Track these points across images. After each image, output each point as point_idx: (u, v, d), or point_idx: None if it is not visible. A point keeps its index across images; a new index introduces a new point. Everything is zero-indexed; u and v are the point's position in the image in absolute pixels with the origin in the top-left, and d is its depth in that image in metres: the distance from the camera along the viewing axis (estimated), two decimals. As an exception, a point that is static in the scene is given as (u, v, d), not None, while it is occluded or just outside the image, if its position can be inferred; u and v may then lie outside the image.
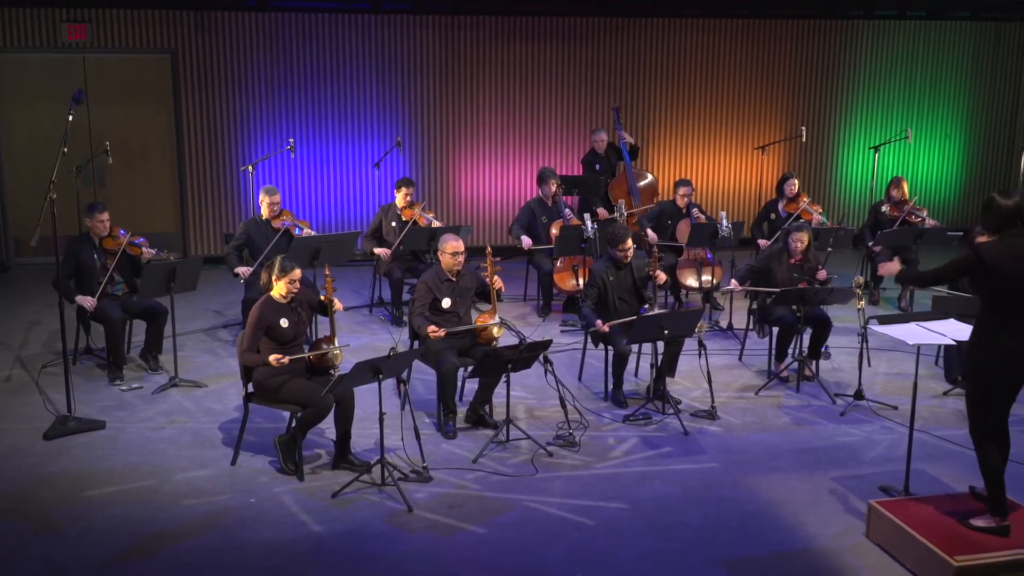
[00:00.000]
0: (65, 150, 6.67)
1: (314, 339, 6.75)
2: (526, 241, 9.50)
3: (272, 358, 5.93)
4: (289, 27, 11.46)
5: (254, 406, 6.24)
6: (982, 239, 5.29)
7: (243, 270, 8.21)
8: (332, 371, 6.19)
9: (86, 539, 5.30)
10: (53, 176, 6.57)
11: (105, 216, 7.76)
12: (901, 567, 5.09)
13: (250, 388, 6.18)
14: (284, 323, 6.10)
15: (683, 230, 9.50)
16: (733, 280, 7.96)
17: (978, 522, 5.12)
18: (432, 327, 6.62)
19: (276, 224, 8.58)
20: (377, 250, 9.26)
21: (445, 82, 11.90)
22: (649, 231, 9.58)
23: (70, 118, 6.77)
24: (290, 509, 5.65)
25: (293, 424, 6.09)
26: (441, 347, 6.69)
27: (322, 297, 6.31)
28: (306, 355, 6.16)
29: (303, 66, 11.55)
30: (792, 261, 7.93)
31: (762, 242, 9.85)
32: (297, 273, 6.16)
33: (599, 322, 7.21)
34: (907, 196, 10.16)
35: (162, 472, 6.11)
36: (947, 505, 5.33)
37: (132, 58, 11.35)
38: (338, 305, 6.36)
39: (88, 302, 7.53)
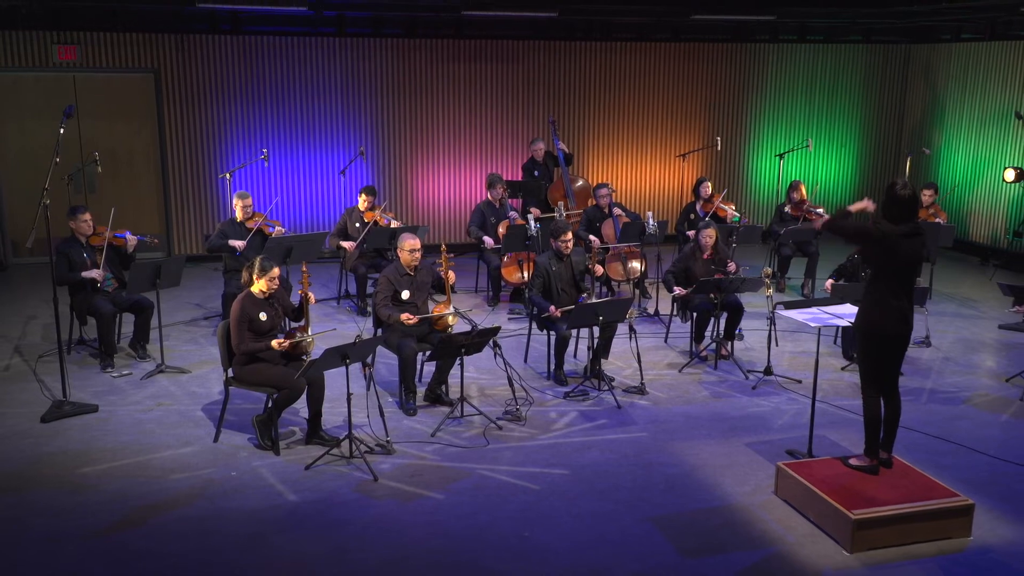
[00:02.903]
0: (57, 160, 6.55)
1: (288, 329, 6.68)
2: (488, 241, 9.45)
3: (275, 343, 5.92)
4: (262, 48, 11.30)
5: (234, 389, 6.16)
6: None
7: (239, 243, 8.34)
8: (305, 357, 6.14)
9: (82, 512, 5.20)
10: (46, 184, 6.43)
11: (87, 216, 7.59)
12: (805, 519, 5.19)
13: (230, 373, 6.10)
14: (263, 316, 6.03)
15: (607, 229, 9.49)
16: (677, 288, 7.88)
17: (854, 461, 5.40)
18: (406, 314, 6.57)
19: (249, 225, 8.47)
20: (343, 243, 9.19)
21: (402, 97, 11.82)
22: (592, 237, 9.43)
23: (62, 131, 6.64)
24: (268, 480, 5.60)
25: (269, 405, 6.03)
26: (402, 334, 6.66)
27: (299, 291, 6.23)
28: (304, 338, 6.09)
29: (275, 83, 11.41)
30: (705, 256, 7.99)
31: (690, 233, 9.86)
32: (276, 271, 6.10)
33: (552, 308, 7.23)
34: (805, 197, 10.30)
35: (151, 450, 6.02)
36: (845, 466, 5.42)
37: (119, 77, 11.10)
38: (312, 299, 6.29)
39: (95, 272, 7.42)
